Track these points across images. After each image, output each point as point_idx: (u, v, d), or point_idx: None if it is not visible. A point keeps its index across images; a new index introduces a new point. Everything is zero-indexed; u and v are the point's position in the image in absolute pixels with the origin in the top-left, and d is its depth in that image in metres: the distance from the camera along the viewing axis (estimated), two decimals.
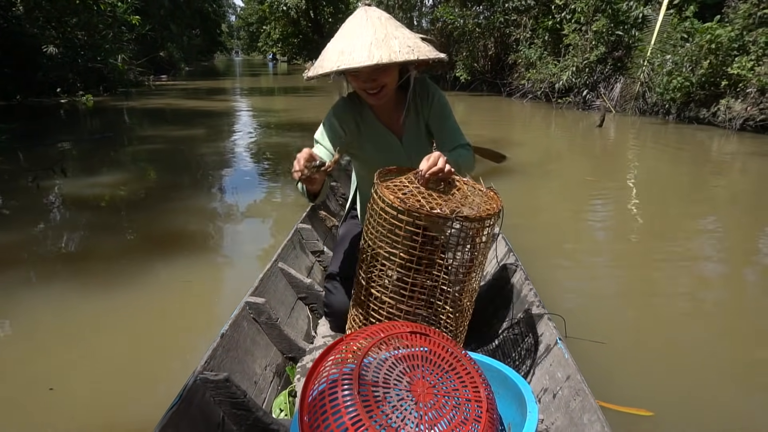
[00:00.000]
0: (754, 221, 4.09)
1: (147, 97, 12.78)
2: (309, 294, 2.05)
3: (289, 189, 4.60)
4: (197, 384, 1.23)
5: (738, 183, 5.40)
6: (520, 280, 1.91)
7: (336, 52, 1.41)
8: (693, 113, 8.87)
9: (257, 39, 48.01)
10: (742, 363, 2.17)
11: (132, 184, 4.74)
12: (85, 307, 2.44)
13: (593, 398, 1.20)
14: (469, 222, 1.28)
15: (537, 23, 12.70)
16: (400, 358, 1.01)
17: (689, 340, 2.31)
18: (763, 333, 2.38)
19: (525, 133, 8.89)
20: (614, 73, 10.86)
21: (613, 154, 7.01)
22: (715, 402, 1.88)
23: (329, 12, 29.52)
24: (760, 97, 7.77)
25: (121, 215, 3.91)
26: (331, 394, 0.93)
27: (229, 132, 8.11)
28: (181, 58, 26.22)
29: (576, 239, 3.63)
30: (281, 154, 6.29)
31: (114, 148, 6.53)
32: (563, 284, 2.80)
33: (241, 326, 1.57)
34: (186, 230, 3.60)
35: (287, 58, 41.69)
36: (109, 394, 1.84)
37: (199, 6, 34.88)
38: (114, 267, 2.91)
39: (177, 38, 26.08)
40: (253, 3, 42.21)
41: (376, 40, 1.37)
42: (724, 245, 3.50)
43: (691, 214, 4.18)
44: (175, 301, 2.56)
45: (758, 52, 7.82)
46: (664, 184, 5.33)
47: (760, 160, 6.29)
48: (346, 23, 1.48)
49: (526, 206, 4.29)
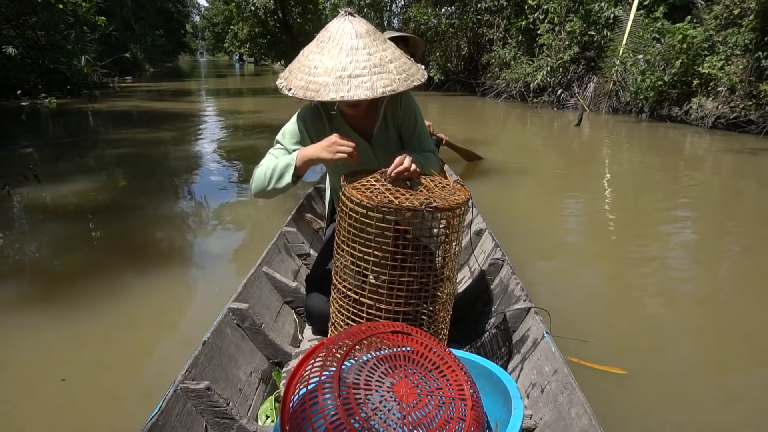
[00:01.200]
0: (725, 215, 4.25)
1: (113, 99, 12.33)
2: (295, 298, 2.02)
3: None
4: (177, 393, 1.21)
5: (711, 179, 5.52)
6: (507, 275, 1.90)
7: (327, 72, 1.35)
8: (666, 111, 9.07)
9: (223, 39, 47.06)
10: (715, 344, 2.30)
11: (104, 191, 4.52)
12: (57, 323, 2.26)
13: (581, 392, 1.19)
14: (439, 212, 1.28)
15: (510, 23, 12.80)
16: (382, 359, 1.00)
17: (661, 313, 2.50)
18: (730, 310, 2.57)
19: (502, 132, 8.93)
20: (587, 72, 11.04)
21: (590, 152, 7.10)
22: (685, 363, 2.03)
23: (298, 12, 29.17)
24: (730, 95, 8.00)
25: (93, 223, 3.70)
26: (312, 398, 0.92)
27: (199, 135, 7.88)
28: (146, 59, 25.45)
29: (555, 234, 3.71)
30: (252, 156, 6.16)
31: (84, 153, 6.23)
32: (546, 279, 2.83)
33: (224, 333, 1.53)
34: (163, 238, 3.48)
35: (254, 59, 41.08)
36: (82, 413, 1.73)
37: (162, 6, 34.00)
38: (88, 278, 2.75)
39: (140, 39, 25.33)
40: (219, 3, 41.38)
41: (374, 66, 1.35)
42: (697, 238, 3.66)
43: (666, 209, 4.28)
44: (156, 312, 2.44)
45: (727, 52, 8.04)
46: (640, 180, 5.44)
47: (732, 157, 6.45)
48: (330, 35, 1.39)
49: (507, 204, 4.33)
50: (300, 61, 1.42)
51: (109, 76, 14.79)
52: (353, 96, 1.33)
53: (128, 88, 16.18)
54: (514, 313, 1.66)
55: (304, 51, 1.43)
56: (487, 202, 4.02)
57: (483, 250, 2.28)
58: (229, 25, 38.02)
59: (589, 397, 1.20)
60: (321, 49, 1.38)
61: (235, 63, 54.46)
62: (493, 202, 4.20)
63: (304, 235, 2.55)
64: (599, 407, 1.21)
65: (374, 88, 1.34)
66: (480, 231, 2.44)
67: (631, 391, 1.85)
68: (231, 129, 8.66)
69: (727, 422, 1.75)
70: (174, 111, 10.65)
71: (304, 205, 2.87)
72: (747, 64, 7.70)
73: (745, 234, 3.76)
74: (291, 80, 1.40)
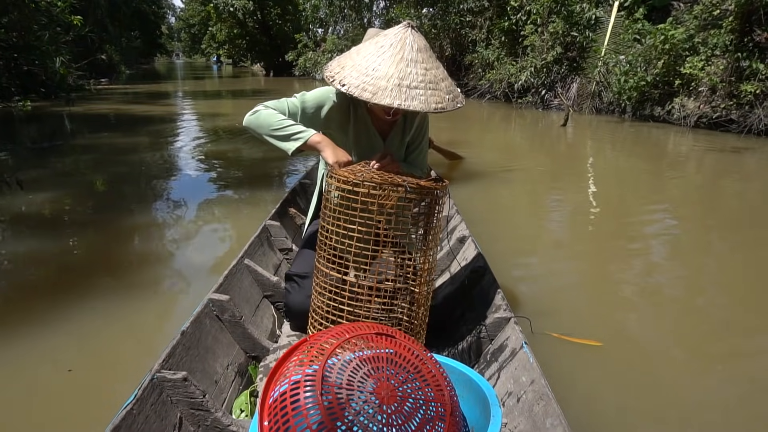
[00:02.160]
0: (707, 212, 4.35)
1: (89, 102, 11.98)
2: (275, 292, 2.02)
3: (250, 190, 4.59)
4: (154, 382, 1.20)
5: (694, 177, 5.62)
6: (488, 282, 1.92)
7: (387, 77, 1.38)
8: (648, 111, 9.20)
9: (200, 41, 46.47)
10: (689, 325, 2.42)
11: (84, 195, 4.37)
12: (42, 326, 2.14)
13: (556, 403, 1.20)
14: (421, 189, 1.33)
15: (493, 24, 12.86)
16: (365, 359, 1.00)
17: (641, 304, 2.59)
18: (711, 305, 2.65)
19: (487, 133, 8.95)
20: (570, 73, 11.14)
21: (575, 151, 7.16)
22: (665, 355, 2.11)
23: (277, 13, 28.92)
24: (711, 95, 8.14)
25: (73, 228, 3.55)
26: (293, 395, 0.91)
27: (179, 138, 7.68)
28: (121, 60, 24.92)
29: (540, 232, 3.75)
30: (234, 158, 6.10)
31: (64, 157, 6.02)
32: (528, 276, 2.90)
33: (203, 324, 1.53)
34: (145, 235, 3.46)
35: (233, 61, 40.60)
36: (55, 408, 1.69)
37: (137, 7, 33.35)
38: (70, 275, 2.73)
39: (115, 40, 24.77)
40: (195, 4, 40.82)
41: (429, 81, 1.41)
42: (681, 234, 3.76)
43: (650, 207, 4.36)
44: (134, 304, 2.41)
45: (707, 53, 8.19)
46: (625, 179, 5.52)
47: (715, 156, 6.57)
48: (391, 42, 1.44)
49: (492, 204, 4.35)
50: (354, 59, 1.45)
51: (85, 78, 14.38)
52: (409, 106, 1.37)
53: (104, 90, 15.78)
54: (494, 321, 1.67)
55: (360, 50, 1.46)
56: (471, 203, 4.05)
57: (465, 257, 2.27)
58: (206, 27, 37.52)
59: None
60: (381, 53, 1.41)
61: (212, 65, 53.81)
62: (478, 202, 4.21)
63: (286, 229, 2.54)
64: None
65: (428, 102, 1.39)
66: (463, 238, 2.45)
67: (610, 382, 1.91)
68: (210, 132, 8.47)
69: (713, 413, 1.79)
70: (152, 114, 10.41)
71: (288, 200, 2.86)
72: (727, 65, 7.85)
73: (726, 230, 3.84)
74: (345, 76, 1.42)
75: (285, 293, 1.85)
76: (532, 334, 1.95)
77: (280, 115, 1.55)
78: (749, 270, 3.06)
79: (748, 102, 7.58)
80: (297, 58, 24.44)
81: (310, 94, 1.65)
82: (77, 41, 13.98)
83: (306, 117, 1.62)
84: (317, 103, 1.64)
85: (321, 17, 22.25)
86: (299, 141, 1.50)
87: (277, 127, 1.51)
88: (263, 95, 15.05)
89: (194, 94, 16.96)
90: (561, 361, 1.97)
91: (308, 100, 1.63)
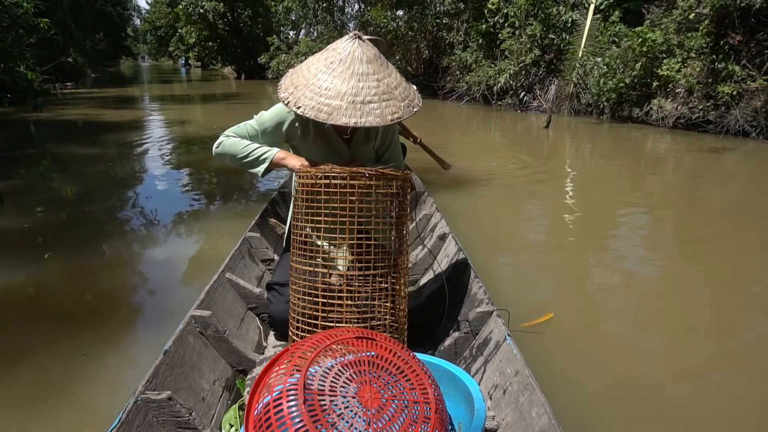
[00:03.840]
0: (686, 210, 4.47)
1: (56, 107, 11.53)
2: (259, 304, 2.01)
3: (228, 201, 4.50)
4: (138, 405, 1.19)
5: (673, 177, 5.74)
6: (470, 278, 1.96)
7: (340, 96, 1.40)
8: (626, 113, 9.35)
9: (167, 43, 45.39)
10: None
11: (56, 208, 4.15)
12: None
13: (541, 392, 1.23)
14: (382, 176, 1.35)
15: (470, 27, 12.90)
16: (346, 364, 1.01)
17: (617, 299, 2.69)
18: (689, 299, 2.73)
19: (467, 135, 8.94)
20: (548, 75, 11.25)
21: (557, 152, 7.20)
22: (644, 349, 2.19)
23: (248, 15, 28.47)
24: (688, 96, 8.32)
25: (48, 243, 3.35)
26: (276, 406, 0.93)
27: (151, 147, 7.34)
28: (86, 63, 24.11)
29: (521, 233, 3.80)
30: (208, 167, 5.90)
31: (33, 167, 5.72)
32: (509, 275, 2.98)
33: (186, 341, 1.51)
34: (123, 250, 3.32)
35: (202, 63, 39.83)
36: None
37: (101, 8, 32.39)
38: (39, 299, 2.59)
39: (80, 43, 23.95)
40: (162, 6, 39.88)
41: (383, 92, 1.42)
42: (659, 231, 3.87)
43: (630, 207, 4.47)
44: (112, 328, 2.31)
45: (683, 55, 8.36)
46: (605, 179, 5.62)
47: (693, 156, 6.72)
48: (340, 57, 1.44)
49: (474, 205, 4.35)
50: (306, 77, 1.46)
51: (51, 82, 13.80)
52: (365, 123, 1.39)
53: (71, 94, 15.24)
54: (477, 316, 1.69)
55: (310, 68, 1.47)
56: (453, 204, 4.08)
57: (446, 254, 2.31)
58: (173, 29, 36.71)
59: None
60: (331, 70, 1.42)
61: (180, 67, 52.67)
62: (460, 204, 4.21)
63: (267, 240, 2.53)
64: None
65: (383, 115, 1.41)
66: (443, 235, 2.49)
67: (589, 386, 1.94)
68: (182, 140, 8.18)
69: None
70: (121, 120, 10.05)
71: (268, 210, 2.85)
72: (703, 67, 8.03)
73: (703, 226, 3.97)
74: (299, 98, 1.43)
75: (267, 303, 1.86)
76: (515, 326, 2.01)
77: (243, 141, 1.60)
78: (723, 266, 3.15)
79: (724, 103, 7.76)
80: (270, 61, 24.12)
81: (267, 114, 1.68)
82: (40, 44, 13.40)
83: (267, 136, 1.67)
84: (276, 120, 1.67)
85: (293, 19, 21.98)
86: (266, 162, 1.56)
87: (242, 154, 1.57)
88: (235, 99, 14.74)
89: (163, 98, 16.52)
90: (544, 350, 2.03)
91: (266, 120, 1.67)
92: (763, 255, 3.34)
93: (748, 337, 2.36)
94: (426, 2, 13.53)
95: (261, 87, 20.04)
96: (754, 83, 7.47)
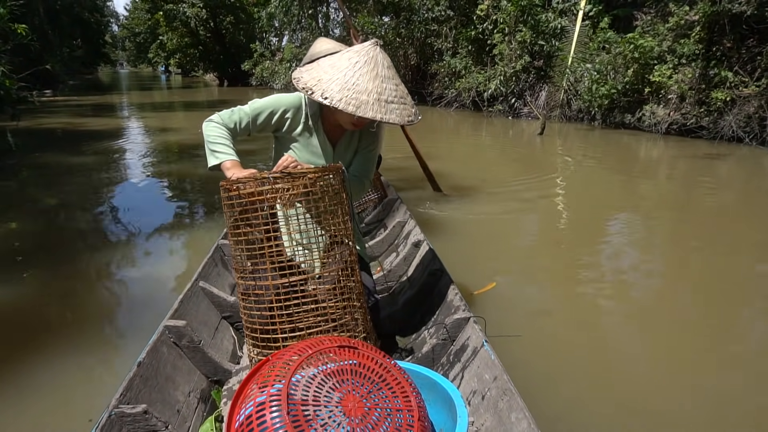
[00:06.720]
0: (679, 216, 4.47)
1: (35, 115, 11.18)
2: (233, 312, 1.98)
3: (202, 209, 4.49)
4: (112, 419, 1.17)
5: (666, 183, 5.73)
6: (446, 284, 1.95)
7: (367, 92, 1.47)
8: (618, 119, 9.34)
9: (146, 50, 44.67)
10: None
11: (34, 222, 4.05)
12: None
13: (520, 397, 1.23)
14: (311, 174, 1.35)
15: (459, 33, 12.84)
16: (329, 373, 1.00)
17: (597, 308, 2.69)
18: (681, 307, 2.72)
19: (458, 141, 8.86)
20: (538, 81, 11.23)
21: (550, 159, 7.14)
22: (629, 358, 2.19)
23: (230, 21, 28.13)
24: (681, 102, 8.33)
25: (26, 257, 3.18)
26: (259, 417, 0.91)
27: (130, 156, 7.19)
28: (64, 71, 23.52)
29: (514, 241, 3.77)
30: (186, 176, 5.81)
31: (10, 179, 5.47)
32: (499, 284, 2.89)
33: (160, 352, 1.49)
34: (98, 259, 3.29)
35: (182, 70, 39.27)
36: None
37: (78, 15, 31.70)
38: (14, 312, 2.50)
39: (57, 49, 23.36)
40: (141, 12, 39.26)
41: (400, 96, 1.54)
42: (649, 236, 3.90)
43: (623, 211, 4.53)
44: (85, 340, 2.26)
45: (675, 61, 8.38)
46: (598, 184, 5.59)
47: (686, 162, 6.70)
48: (365, 59, 1.51)
49: (465, 212, 4.27)
50: (330, 73, 1.50)
51: (28, 89, 13.35)
52: (389, 119, 1.49)
53: (49, 102, 14.82)
54: (454, 322, 1.69)
55: (333, 66, 1.52)
56: (443, 213, 4.08)
57: (422, 262, 2.31)
58: (153, 35, 36.12)
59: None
60: (356, 69, 1.49)
61: (160, 74, 51.93)
62: (452, 213, 4.15)
63: None
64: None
65: (402, 116, 1.53)
66: (418, 242, 2.50)
67: (568, 390, 1.93)
68: (161, 149, 7.97)
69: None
70: (101, 129, 9.83)
71: None
72: (695, 73, 8.04)
73: (697, 231, 3.99)
74: (324, 89, 1.47)
75: (241, 311, 1.81)
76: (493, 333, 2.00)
77: (223, 130, 1.61)
78: (714, 268, 3.18)
79: (717, 109, 7.77)
80: (254, 68, 23.81)
81: (261, 101, 1.71)
82: (16, 50, 12.97)
83: (257, 123, 1.68)
84: (270, 109, 1.70)
85: (276, 26, 21.75)
86: (216, 160, 1.56)
87: (211, 140, 1.58)
88: (221, 107, 14.45)
89: (144, 106, 16.17)
90: (521, 356, 2.02)
91: (259, 107, 1.69)
92: (755, 259, 3.36)
93: (736, 341, 2.37)
94: (414, 8, 13.43)
95: (245, 93, 19.76)
96: (746, 89, 7.49)
